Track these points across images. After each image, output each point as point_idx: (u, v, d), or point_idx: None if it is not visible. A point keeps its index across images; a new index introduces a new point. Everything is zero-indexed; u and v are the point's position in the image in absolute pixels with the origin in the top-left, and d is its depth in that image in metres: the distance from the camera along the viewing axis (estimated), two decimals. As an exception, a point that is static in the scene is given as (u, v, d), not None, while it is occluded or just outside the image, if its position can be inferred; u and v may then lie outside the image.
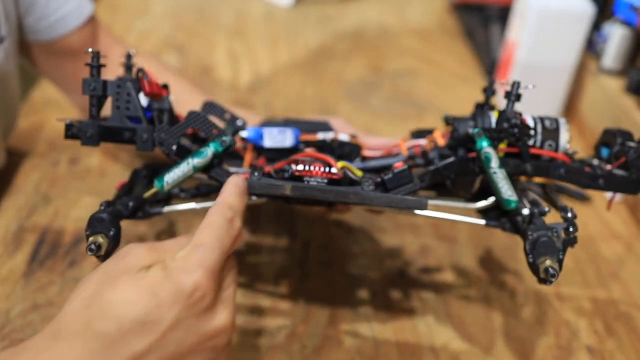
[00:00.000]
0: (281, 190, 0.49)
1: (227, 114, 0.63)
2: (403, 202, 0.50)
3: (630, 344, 0.63)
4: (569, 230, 0.51)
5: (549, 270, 0.48)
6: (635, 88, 0.86)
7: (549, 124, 0.55)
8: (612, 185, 0.54)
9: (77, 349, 0.37)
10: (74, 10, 0.73)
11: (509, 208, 0.52)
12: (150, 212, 0.57)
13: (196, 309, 0.39)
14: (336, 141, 0.62)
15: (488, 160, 0.51)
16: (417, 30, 1.30)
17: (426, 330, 0.62)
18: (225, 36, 1.22)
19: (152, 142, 0.51)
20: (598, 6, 0.97)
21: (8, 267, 0.65)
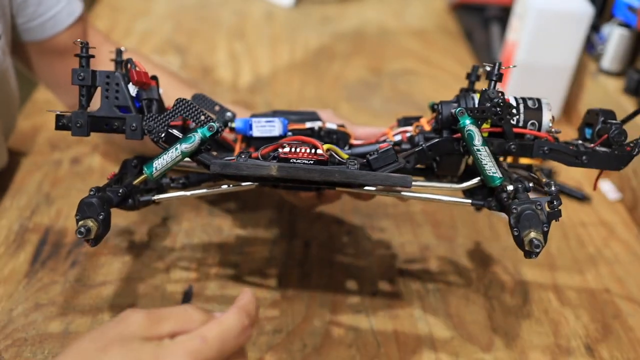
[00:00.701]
0: (267, 170, 0.50)
1: (217, 106, 0.64)
2: (388, 179, 0.51)
3: (629, 343, 0.63)
4: (553, 203, 0.52)
5: (534, 241, 0.49)
6: (634, 89, 0.87)
7: (531, 103, 0.56)
8: (595, 161, 0.55)
9: None
10: (64, 9, 0.74)
11: (494, 184, 0.53)
12: (141, 201, 0.58)
13: None
14: (324, 129, 0.63)
15: (471, 137, 0.52)
16: (416, 31, 1.31)
17: (426, 330, 0.62)
18: (226, 37, 1.23)
19: (141, 131, 0.52)
20: (597, 7, 0.97)
21: (10, 267, 0.65)
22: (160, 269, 0.67)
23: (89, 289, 0.63)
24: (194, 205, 0.76)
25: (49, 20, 0.73)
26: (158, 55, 1.13)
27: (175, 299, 0.63)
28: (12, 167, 0.80)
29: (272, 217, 0.75)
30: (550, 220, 0.51)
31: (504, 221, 0.78)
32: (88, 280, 0.64)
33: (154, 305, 0.62)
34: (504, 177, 0.53)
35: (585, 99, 0.98)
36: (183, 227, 0.72)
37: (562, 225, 0.79)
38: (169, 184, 0.61)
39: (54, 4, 0.72)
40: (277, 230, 0.74)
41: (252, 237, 0.72)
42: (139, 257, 0.68)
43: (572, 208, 0.82)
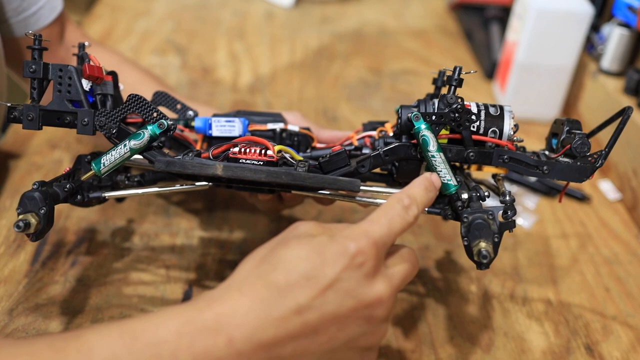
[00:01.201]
0: (212, 169, 0.49)
1: (179, 104, 0.63)
2: (335, 182, 0.50)
3: (628, 343, 0.63)
4: (507, 213, 0.51)
5: (482, 252, 0.48)
6: (634, 89, 0.87)
7: (493, 110, 0.54)
8: (557, 172, 0.54)
9: (247, 297, 0.39)
10: (47, 4, 0.74)
11: (448, 192, 0.52)
12: (91, 197, 0.57)
13: (356, 273, 0.40)
14: (286, 131, 0.63)
15: (426, 143, 0.51)
16: (416, 31, 1.31)
17: (426, 330, 0.62)
18: (226, 37, 1.23)
19: (93, 126, 0.51)
20: (597, 7, 0.97)
21: (10, 267, 0.65)
22: (160, 269, 0.67)
23: (89, 289, 0.63)
24: (193, 205, 0.76)
25: (32, 15, 0.72)
26: (158, 56, 1.13)
27: (175, 299, 0.63)
28: (12, 167, 0.80)
29: (272, 217, 0.75)
30: (503, 231, 0.50)
31: (504, 221, 0.78)
32: (88, 280, 0.64)
33: (154, 306, 0.62)
34: (459, 185, 0.52)
35: (585, 99, 0.98)
36: (183, 227, 0.73)
37: (562, 225, 0.79)
38: (124, 181, 0.61)
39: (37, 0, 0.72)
40: (277, 230, 0.74)
41: (252, 237, 0.72)
42: (139, 257, 0.68)
43: (572, 208, 0.82)
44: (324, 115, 0.99)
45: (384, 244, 0.43)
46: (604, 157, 0.53)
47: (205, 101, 1.00)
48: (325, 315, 0.39)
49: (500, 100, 1.04)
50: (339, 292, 0.40)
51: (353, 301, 0.40)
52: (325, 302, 0.39)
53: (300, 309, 0.39)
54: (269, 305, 0.39)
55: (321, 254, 0.40)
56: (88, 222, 0.72)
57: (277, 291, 0.39)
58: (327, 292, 0.39)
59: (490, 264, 0.49)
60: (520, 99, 1.00)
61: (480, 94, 1.08)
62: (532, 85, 0.99)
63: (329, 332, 0.40)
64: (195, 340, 0.37)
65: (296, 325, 0.39)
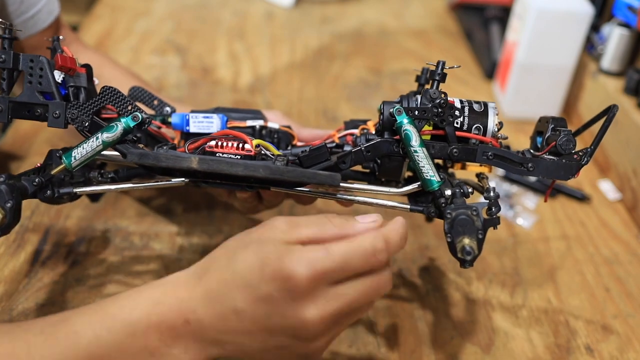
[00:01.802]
0: (187, 162, 0.48)
1: (156, 100, 0.62)
2: (315, 176, 0.49)
3: (628, 343, 0.63)
4: (491, 209, 0.50)
5: (466, 248, 0.47)
6: (634, 89, 0.87)
7: (477, 107, 0.53)
8: (542, 170, 0.53)
9: (203, 287, 0.44)
10: (45, 7, 0.73)
11: (431, 188, 0.51)
12: (61, 192, 0.55)
13: (286, 296, 0.42)
14: (266, 129, 0.61)
15: (408, 138, 0.50)
16: (416, 31, 1.31)
17: (426, 330, 0.62)
18: (226, 37, 1.23)
19: (64, 119, 0.50)
20: (597, 7, 0.97)
21: (11, 266, 0.65)
22: (159, 269, 0.67)
23: (89, 289, 0.63)
24: (193, 205, 0.76)
25: (30, 19, 0.72)
26: (158, 56, 1.13)
27: (176, 299, 0.63)
28: (12, 167, 0.80)
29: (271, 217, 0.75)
30: (487, 227, 0.49)
31: (504, 221, 0.78)
32: (88, 280, 0.64)
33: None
34: (443, 181, 0.51)
35: (585, 99, 0.98)
36: (182, 228, 0.72)
37: (562, 225, 0.79)
38: (97, 178, 0.59)
39: (35, 2, 0.72)
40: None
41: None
42: (139, 257, 0.68)
43: (572, 208, 0.82)
44: (324, 115, 0.99)
45: (329, 278, 0.43)
46: (589, 155, 0.52)
47: (205, 101, 1.00)
48: (256, 323, 0.43)
49: (500, 100, 1.04)
50: (268, 307, 0.42)
51: (278, 319, 0.42)
52: (257, 312, 0.42)
53: (237, 311, 0.43)
54: (215, 300, 0.43)
55: (264, 269, 0.42)
56: (88, 222, 0.72)
57: (225, 289, 0.43)
58: (259, 304, 0.42)
59: (474, 261, 0.48)
60: (520, 99, 1.00)
61: (480, 93, 1.08)
62: (532, 85, 0.99)
63: (261, 336, 0.43)
64: (161, 320, 0.43)
65: (233, 322, 0.43)
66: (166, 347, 0.44)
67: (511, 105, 1.01)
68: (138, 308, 0.44)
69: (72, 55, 0.52)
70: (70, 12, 0.85)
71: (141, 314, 0.44)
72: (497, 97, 1.06)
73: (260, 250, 0.43)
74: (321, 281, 0.42)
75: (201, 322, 0.43)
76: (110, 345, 0.43)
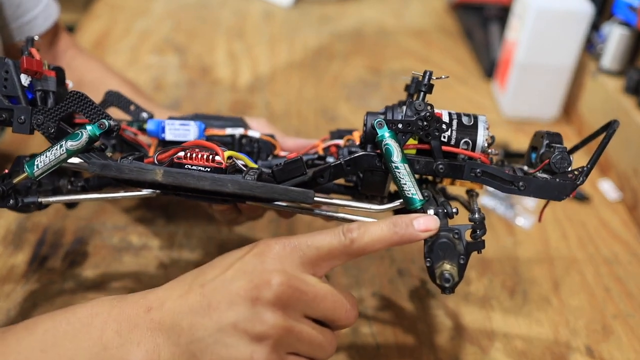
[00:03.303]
0: (151, 174, 0.46)
1: (132, 105, 0.60)
2: (287, 193, 0.46)
3: (629, 343, 0.63)
4: (476, 232, 0.47)
5: (444, 275, 0.45)
6: (634, 88, 0.86)
7: (466, 120, 0.50)
8: (534, 189, 0.49)
9: (176, 290, 0.45)
10: (42, 13, 0.73)
11: (413, 207, 0.48)
12: (25, 202, 0.53)
13: (235, 331, 0.42)
14: (246, 137, 0.59)
15: (389, 153, 0.47)
16: (416, 31, 1.30)
17: (426, 330, 0.62)
18: (225, 36, 1.22)
19: (30, 124, 0.48)
20: (597, 6, 0.97)
21: (8, 267, 0.65)
22: (159, 269, 0.66)
23: (87, 289, 0.63)
24: (192, 205, 0.76)
25: (26, 23, 0.71)
26: (157, 55, 1.13)
27: (174, 299, 0.63)
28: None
29: (271, 217, 0.75)
30: (470, 252, 0.46)
31: (504, 221, 0.78)
32: (86, 281, 0.64)
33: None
34: (426, 200, 0.48)
35: (585, 98, 0.98)
36: (182, 227, 0.72)
37: (562, 225, 0.79)
38: (66, 186, 0.57)
39: (32, 6, 0.71)
40: (276, 230, 0.74)
41: (251, 238, 0.72)
42: (138, 257, 0.68)
43: (572, 208, 0.82)
44: (323, 115, 0.99)
45: (299, 301, 0.43)
46: (585, 174, 0.49)
47: (204, 101, 1.00)
48: (210, 341, 0.43)
49: (500, 100, 1.04)
50: (222, 332, 0.42)
51: (224, 349, 0.42)
52: (212, 333, 0.43)
53: (195, 326, 0.43)
54: (187, 294, 0.44)
55: (229, 296, 0.43)
56: (86, 222, 0.71)
57: (190, 297, 0.43)
58: (215, 327, 0.42)
59: (454, 288, 0.46)
60: (520, 99, 1.00)
61: (479, 93, 1.08)
62: (532, 85, 0.98)
63: (218, 348, 0.43)
64: (122, 311, 0.44)
65: (188, 328, 0.43)
66: (120, 338, 0.43)
67: (511, 104, 1.00)
68: (102, 304, 0.44)
69: (39, 58, 0.50)
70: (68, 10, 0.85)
71: (103, 308, 0.44)
72: (496, 96, 1.06)
73: (233, 279, 0.43)
74: (290, 299, 0.43)
75: (162, 306, 0.43)
76: (64, 335, 0.43)
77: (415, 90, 0.50)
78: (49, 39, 0.76)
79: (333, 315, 0.45)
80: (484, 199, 0.81)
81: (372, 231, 0.45)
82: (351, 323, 0.46)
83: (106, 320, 0.43)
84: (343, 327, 0.47)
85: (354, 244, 0.45)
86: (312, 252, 0.45)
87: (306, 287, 0.44)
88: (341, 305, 0.45)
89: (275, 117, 0.97)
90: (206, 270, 0.45)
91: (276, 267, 0.43)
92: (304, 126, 0.95)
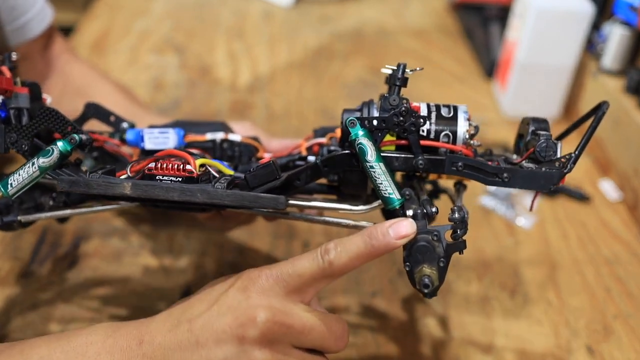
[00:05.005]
0: (120, 188, 0.45)
1: (112, 116, 0.60)
2: (257, 200, 0.45)
3: (629, 343, 0.63)
4: (456, 232, 0.46)
5: (424, 280, 0.44)
6: (634, 88, 0.86)
7: (445, 112, 0.48)
8: (519, 180, 0.47)
9: (165, 323, 0.45)
10: (36, 16, 0.72)
11: (391, 207, 0.46)
12: (4, 221, 0.53)
13: (240, 332, 0.43)
14: (227, 141, 0.58)
15: (363, 152, 0.45)
16: (416, 31, 1.30)
17: (426, 330, 0.62)
18: (225, 36, 1.22)
19: (4, 143, 0.47)
20: (598, 6, 0.97)
21: (8, 267, 0.65)
22: (158, 269, 0.66)
23: (87, 289, 0.63)
24: (192, 205, 0.75)
25: (21, 27, 0.71)
26: (156, 55, 1.13)
27: (174, 299, 0.63)
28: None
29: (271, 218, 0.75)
30: (450, 254, 0.45)
31: (504, 221, 0.78)
32: (86, 281, 0.64)
33: (152, 306, 0.62)
34: (404, 199, 0.46)
35: (585, 98, 0.98)
36: (181, 228, 0.72)
37: (562, 225, 0.78)
38: (48, 202, 0.56)
39: (27, 9, 0.71)
40: (276, 230, 0.73)
41: (251, 237, 0.72)
42: (137, 257, 0.67)
43: (572, 208, 0.82)
44: (323, 114, 0.99)
45: (287, 333, 0.43)
46: (573, 162, 0.46)
47: (204, 101, 1.00)
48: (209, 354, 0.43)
49: (500, 99, 1.04)
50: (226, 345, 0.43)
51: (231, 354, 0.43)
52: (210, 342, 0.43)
53: (197, 342, 0.43)
54: (170, 336, 0.44)
55: (216, 334, 0.43)
56: (86, 222, 0.71)
57: (179, 333, 0.44)
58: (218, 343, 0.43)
59: (436, 292, 0.45)
60: (520, 99, 1.00)
61: (480, 93, 1.07)
62: (533, 85, 0.98)
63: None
64: (116, 342, 0.44)
65: (185, 338, 0.44)
66: None
67: (511, 104, 1.00)
68: (96, 332, 0.45)
69: (9, 76, 0.49)
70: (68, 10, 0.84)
71: (97, 337, 0.44)
72: (497, 96, 1.06)
73: (217, 316, 0.43)
74: (276, 335, 0.43)
75: (153, 341, 0.43)
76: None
77: (390, 85, 0.48)
78: (43, 43, 0.76)
79: (322, 346, 0.45)
80: (484, 199, 0.81)
81: (349, 249, 0.44)
82: (341, 349, 0.46)
83: (99, 352, 0.44)
84: (334, 352, 0.46)
85: (332, 266, 0.44)
86: (295, 281, 0.44)
87: (292, 320, 0.43)
88: (330, 335, 0.45)
89: (275, 117, 0.97)
90: (194, 303, 0.45)
91: (261, 303, 0.43)
92: (304, 126, 0.95)
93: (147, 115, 0.72)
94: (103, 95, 0.73)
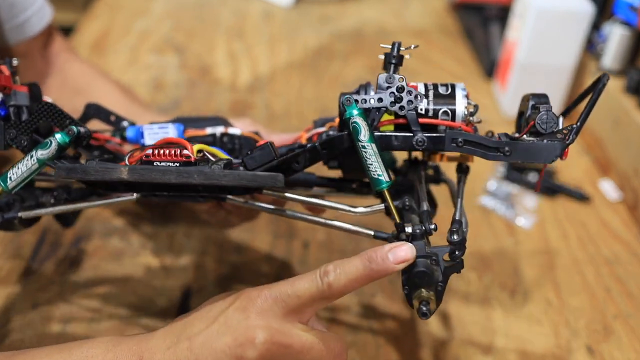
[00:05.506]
0: (117, 173, 0.45)
1: (112, 116, 0.60)
2: (255, 178, 0.45)
3: (629, 343, 0.63)
4: (454, 254, 0.45)
5: (421, 308, 0.44)
6: (635, 88, 0.86)
7: (443, 90, 0.48)
8: (520, 153, 0.46)
9: (165, 340, 0.45)
10: (36, 14, 0.72)
11: (379, 188, 0.46)
12: (5, 217, 0.53)
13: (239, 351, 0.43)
14: (227, 135, 0.58)
15: (356, 131, 0.45)
16: (416, 30, 1.30)
17: (426, 330, 0.62)
18: (225, 36, 1.22)
19: (3, 140, 0.48)
20: (598, 6, 0.97)
21: (8, 267, 0.65)
22: (158, 269, 0.66)
23: (87, 289, 0.63)
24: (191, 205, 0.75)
25: (20, 25, 0.71)
26: (156, 55, 1.13)
27: (174, 298, 0.63)
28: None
29: (271, 217, 0.75)
30: (448, 276, 0.45)
31: (504, 221, 0.78)
32: (86, 281, 0.64)
33: (152, 306, 0.62)
34: (391, 182, 0.46)
35: (585, 98, 0.97)
36: (181, 228, 0.72)
37: (562, 225, 0.78)
38: (49, 201, 0.56)
39: (26, 7, 0.71)
40: (276, 230, 0.73)
41: (251, 237, 0.72)
42: (137, 257, 0.67)
43: (572, 208, 0.82)
44: (323, 114, 0.98)
45: (284, 352, 0.44)
46: (575, 132, 0.46)
47: (204, 101, 1.00)
48: None
49: (500, 99, 1.04)
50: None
51: None
52: None
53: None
54: (169, 354, 0.44)
55: (215, 353, 0.43)
56: (86, 222, 0.71)
57: (178, 351, 0.44)
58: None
59: (432, 313, 0.45)
60: (520, 98, 0.99)
61: (480, 93, 1.07)
62: (533, 85, 0.98)
63: None
64: (116, 356, 0.44)
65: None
66: None
67: (511, 104, 1.00)
68: (97, 346, 0.45)
69: (8, 74, 0.50)
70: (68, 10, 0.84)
71: (98, 350, 0.44)
72: (497, 96, 1.06)
73: (217, 336, 0.44)
74: (274, 355, 0.43)
75: (153, 358, 0.43)
76: None
77: (386, 63, 0.49)
78: (43, 41, 0.76)
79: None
80: (484, 199, 0.81)
81: (348, 271, 0.44)
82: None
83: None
84: None
85: (331, 288, 0.44)
86: (293, 302, 0.44)
87: (291, 340, 0.43)
88: (328, 353, 0.45)
89: (275, 117, 0.97)
90: (193, 321, 0.45)
91: (260, 323, 0.43)
92: (304, 126, 0.94)
93: (147, 113, 0.72)
94: (103, 94, 0.73)
